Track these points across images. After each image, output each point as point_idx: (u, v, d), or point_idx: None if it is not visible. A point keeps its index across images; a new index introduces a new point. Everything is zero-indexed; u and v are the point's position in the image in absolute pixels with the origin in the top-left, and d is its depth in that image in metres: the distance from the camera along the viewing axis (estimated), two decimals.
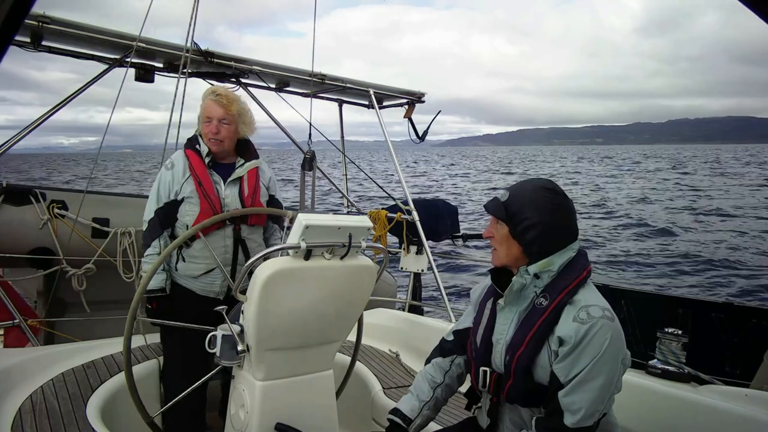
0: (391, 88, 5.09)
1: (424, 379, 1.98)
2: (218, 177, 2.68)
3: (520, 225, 1.68)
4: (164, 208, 2.64)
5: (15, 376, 2.56)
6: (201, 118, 2.68)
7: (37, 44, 3.53)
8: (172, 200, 2.63)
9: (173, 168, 2.66)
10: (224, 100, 2.66)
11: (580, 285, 1.66)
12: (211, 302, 2.62)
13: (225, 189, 2.67)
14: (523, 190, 1.73)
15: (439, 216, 5.17)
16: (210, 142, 2.65)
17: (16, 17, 0.74)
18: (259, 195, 2.76)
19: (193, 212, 2.62)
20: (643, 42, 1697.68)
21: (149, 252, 2.65)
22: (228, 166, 2.73)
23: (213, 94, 2.67)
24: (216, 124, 2.63)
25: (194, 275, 2.66)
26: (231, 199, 2.67)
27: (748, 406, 2.11)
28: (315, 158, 4.37)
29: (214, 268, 2.64)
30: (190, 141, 2.74)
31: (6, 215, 4.02)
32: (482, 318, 1.83)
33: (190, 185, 2.62)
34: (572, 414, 1.55)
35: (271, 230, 2.90)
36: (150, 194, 2.69)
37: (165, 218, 2.64)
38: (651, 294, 5.40)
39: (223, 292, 2.70)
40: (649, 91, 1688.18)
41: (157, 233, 2.64)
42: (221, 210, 2.62)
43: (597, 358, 1.54)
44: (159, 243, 2.63)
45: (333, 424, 2.24)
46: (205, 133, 2.65)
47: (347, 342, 2.62)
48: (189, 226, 2.60)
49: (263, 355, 2.00)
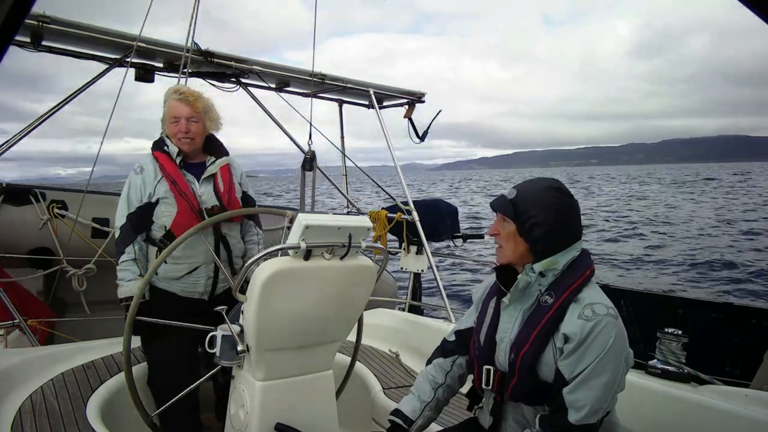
0: (391, 88, 5.09)
1: (425, 380, 1.98)
2: (191, 176, 2.64)
3: (527, 222, 1.69)
4: (137, 212, 2.57)
5: (15, 376, 2.56)
6: (166, 119, 2.63)
7: (37, 44, 3.53)
8: (145, 203, 2.57)
9: (143, 171, 2.59)
10: (189, 98, 2.63)
11: (585, 283, 1.67)
12: (193, 303, 2.60)
13: (200, 187, 2.64)
14: (531, 189, 1.74)
15: (439, 216, 5.17)
16: (180, 141, 2.61)
17: (16, 17, 0.74)
18: (234, 191, 2.73)
19: (170, 213, 2.56)
20: (636, 64, 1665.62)
21: (124, 258, 2.56)
22: (199, 165, 2.69)
23: (176, 94, 2.64)
24: (185, 123, 2.60)
25: (176, 276, 2.60)
26: (207, 197, 2.63)
27: (748, 406, 2.11)
28: (315, 158, 4.37)
29: (196, 268, 2.60)
30: (156, 144, 2.69)
31: (6, 215, 4.02)
32: (486, 316, 1.84)
33: (163, 186, 2.57)
34: (576, 411, 1.56)
35: (247, 226, 2.85)
36: (120, 200, 2.61)
37: (138, 223, 2.57)
38: (651, 294, 5.40)
39: (208, 292, 2.65)
40: (642, 112, 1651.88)
41: (131, 238, 2.57)
42: (199, 207, 2.58)
43: (602, 356, 1.55)
44: (133, 249, 2.56)
45: (333, 424, 2.24)
46: (173, 133, 2.61)
47: (347, 342, 2.62)
48: (166, 226, 2.56)
49: (263, 355, 2.00)
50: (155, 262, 2.23)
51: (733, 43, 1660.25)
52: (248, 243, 2.84)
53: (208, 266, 2.61)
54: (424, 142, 5.22)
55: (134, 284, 2.53)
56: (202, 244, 2.55)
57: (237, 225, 2.77)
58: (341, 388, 2.54)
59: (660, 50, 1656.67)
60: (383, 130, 4.85)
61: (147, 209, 2.57)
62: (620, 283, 10.71)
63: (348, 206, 5.71)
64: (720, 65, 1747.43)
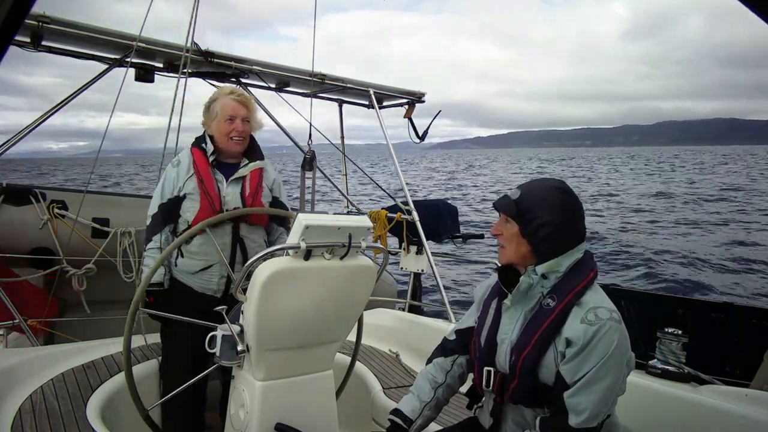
0: (391, 88, 5.08)
1: (425, 379, 1.98)
2: (221, 176, 2.71)
3: (531, 223, 1.68)
4: (167, 204, 2.67)
5: (15, 376, 2.56)
6: (219, 117, 2.69)
7: (37, 44, 3.53)
8: (175, 196, 2.67)
9: (179, 165, 2.71)
10: (244, 99, 2.75)
11: (588, 286, 1.66)
12: (208, 299, 2.64)
13: (226, 187, 2.69)
14: (535, 189, 1.73)
15: (439, 216, 5.16)
16: (233, 141, 2.70)
17: (16, 17, 0.74)
18: (260, 195, 2.76)
19: (193, 209, 2.64)
20: (630, 46, 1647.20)
21: (150, 246, 2.68)
22: (233, 166, 2.76)
23: (233, 94, 2.75)
24: (240, 123, 2.70)
25: (192, 271, 2.67)
26: (231, 197, 2.68)
27: (748, 406, 2.11)
28: (315, 158, 4.37)
29: (211, 265, 2.66)
30: (197, 140, 2.77)
31: (6, 215, 4.02)
32: (487, 317, 1.83)
33: (192, 182, 2.66)
34: (577, 414, 1.55)
35: (277, 233, 2.87)
36: (155, 190, 2.74)
37: (168, 214, 2.68)
38: (651, 294, 5.41)
39: (221, 290, 2.70)
40: (637, 94, 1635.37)
41: (159, 228, 2.67)
42: (220, 207, 2.64)
43: (604, 360, 1.55)
44: (160, 238, 2.67)
45: (333, 424, 2.24)
46: (227, 131, 2.68)
47: (347, 342, 2.62)
48: (189, 222, 2.64)
49: (263, 355, 2.00)
50: (164, 252, 2.31)
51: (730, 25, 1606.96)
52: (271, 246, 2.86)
53: (222, 265, 2.65)
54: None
55: (158, 271, 2.61)
56: (220, 243, 2.58)
57: (259, 229, 2.77)
58: (341, 388, 2.54)
59: (654, 32, 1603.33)
60: (383, 131, 4.85)
61: (176, 202, 2.67)
62: (620, 283, 10.72)
63: (348, 206, 5.71)
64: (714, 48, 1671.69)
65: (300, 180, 4.56)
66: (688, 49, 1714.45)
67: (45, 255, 4.07)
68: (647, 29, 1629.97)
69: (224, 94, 2.75)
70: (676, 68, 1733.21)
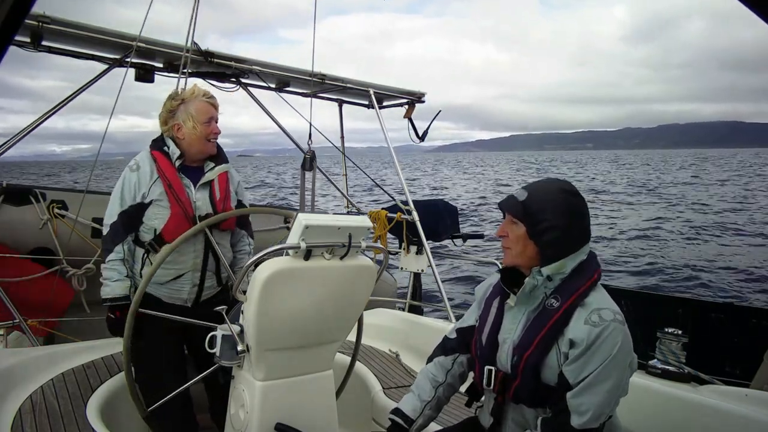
0: (391, 88, 5.08)
1: (425, 378, 1.97)
2: (188, 180, 2.58)
3: (538, 225, 1.66)
4: (129, 210, 2.50)
5: (15, 376, 2.56)
6: (195, 119, 2.56)
7: (37, 44, 3.53)
8: (138, 203, 2.50)
9: (139, 170, 2.53)
10: (216, 102, 2.66)
11: (592, 287, 1.66)
12: (176, 309, 2.52)
13: (195, 192, 2.57)
14: (543, 191, 1.71)
15: (439, 216, 5.17)
16: (209, 143, 2.60)
17: (16, 17, 0.74)
18: (230, 200, 2.69)
19: (162, 215, 2.50)
20: (632, 50, 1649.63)
21: (111, 258, 2.49)
22: (197, 170, 2.63)
23: (206, 96, 2.63)
24: (215, 125, 2.62)
25: (161, 282, 2.52)
26: (202, 203, 2.57)
27: (748, 406, 2.11)
28: (315, 158, 4.37)
29: (182, 274, 2.54)
30: (155, 142, 2.61)
31: (6, 215, 4.02)
32: (489, 316, 1.82)
33: (158, 187, 2.50)
34: (579, 415, 1.55)
35: (239, 236, 2.80)
36: (112, 196, 2.54)
37: (129, 221, 2.51)
38: (651, 294, 5.42)
39: (191, 299, 2.59)
40: (639, 97, 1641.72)
41: (121, 237, 2.50)
42: (193, 213, 2.52)
43: (607, 361, 1.55)
44: (123, 248, 2.50)
45: (333, 424, 2.24)
46: (206, 134, 2.57)
47: (347, 342, 2.62)
48: (156, 229, 2.50)
49: (263, 355, 2.00)
50: (152, 268, 2.21)
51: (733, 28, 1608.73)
52: (239, 252, 2.79)
53: (194, 273, 2.55)
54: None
55: (119, 285, 2.48)
56: (191, 251, 2.51)
57: (227, 233, 2.71)
58: (341, 388, 2.54)
59: (656, 35, 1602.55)
60: (383, 131, 4.85)
61: (139, 209, 2.50)
62: (620, 283, 10.72)
63: (348, 206, 5.71)
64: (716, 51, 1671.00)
65: (300, 180, 4.56)
66: (690, 53, 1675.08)
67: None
68: (648, 32, 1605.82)
69: (196, 97, 2.60)
70: (678, 71, 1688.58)
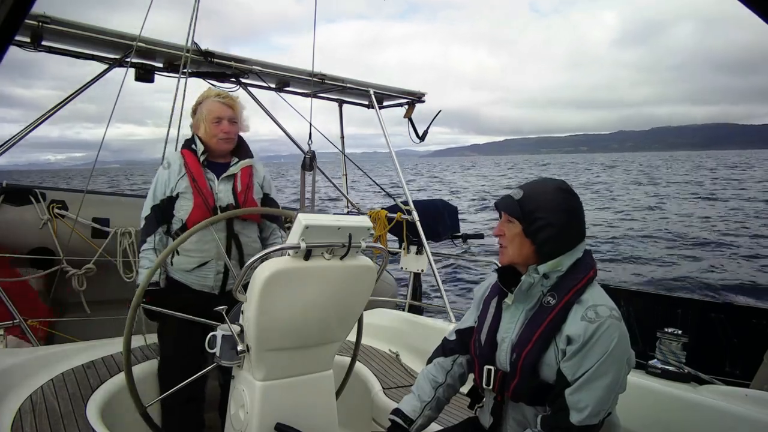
0: (391, 88, 5.08)
1: (425, 379, 1.98)
2: (212, 174, 2.78)
3: (534, 224, 1.68)
4: (160, 204, 2.74)
5: (15, 376, 2.56)
6: (206, 119, 2.77)
7: (37, 44, 3.52)
8: (168, 197, 2.74)
9: (169, 167, 2.77)
10: (230, 101, 2.83)
11: (588, 284, 1.67)
12: (205, 297, 2.68)
13: (218, 185, 2.76)
14: (539, 190, 1.73)
15: (439, 216, 5.17)
16: (221, 141, 2.77)
17: (16, 17, 0.74)
18: (252, 192, 2.83)
19: (186, 207, 2.70)
20: (623, 53, 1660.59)
21: (145, 247, 2.74)
22: (223, 165, 2.83)
23: (218, 97, 2.83)
24: (227, 124, 2.77)
25: (187, 269, 2.72)
26: (224, 194, 2.75)
27: (748, 406, 2.11)
28: (315, 158, 4.37)
29: (207, 262, 2.71)
30: (186, 142, 2.85)
31: (6, 215, 4.03)
32: (487, 316, 1.83)
33: (185, 182, 2.73)
34: (578, 412, 1.56)
35: (270, 230, 2.94)
36: (148, 192, 2.81)
37: (161, 215, 2.74)
38: (651, 294, 5.41)
39: (218, 287, 2.74)
40: (631, 100, 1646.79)
41: (153, 229, 2.73)
42: (214, 204, 2.71)
43: (604, 358, 1.55)
44: (154, 239, 2.73)
45: (333, 424, 2.23)
46: (215, 133, 2.76)
47: (347, 342, 2.62)
48: (183, 220, 2.70)
49: (263, 355, 2.00)
50: (163, 253, 2.34)
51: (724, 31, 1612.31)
52: (272, 246, 2.87)
53: (218, 261, 2.71)
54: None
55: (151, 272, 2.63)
56: (212, 240, 2.65)
57: (253, 224, 2.85)
58: (341, 388, 2.54)
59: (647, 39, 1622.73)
60: (383, 130, 4.84)
61: (169, 202, 2.74)
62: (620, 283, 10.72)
63: (348, 206, 5.71)
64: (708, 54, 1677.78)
65: (300, 180, 4.56)
66: (682, 56, 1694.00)
67: (45, 255, 4.07)
68: (639, 36, 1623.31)
69: (210, 97, 2.83)
70: (670, 74, 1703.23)
